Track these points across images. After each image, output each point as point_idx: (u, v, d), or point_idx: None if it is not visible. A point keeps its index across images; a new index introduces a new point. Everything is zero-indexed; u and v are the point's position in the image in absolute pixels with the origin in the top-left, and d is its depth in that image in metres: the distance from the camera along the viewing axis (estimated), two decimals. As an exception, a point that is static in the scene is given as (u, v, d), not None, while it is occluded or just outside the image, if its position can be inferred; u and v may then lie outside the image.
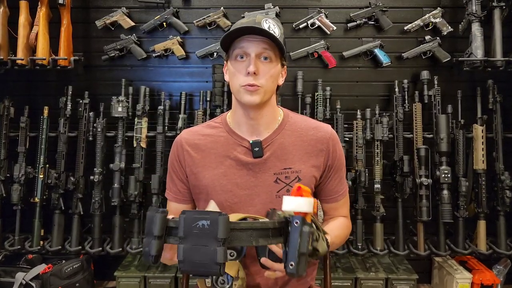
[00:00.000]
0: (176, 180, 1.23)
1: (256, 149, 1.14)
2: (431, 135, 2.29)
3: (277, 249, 0.92)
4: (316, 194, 1.25)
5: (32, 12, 2.30)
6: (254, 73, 1.06)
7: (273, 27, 1.09)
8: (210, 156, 1.17)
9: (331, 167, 1.20)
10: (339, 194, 1.23)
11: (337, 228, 1.22)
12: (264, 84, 1.08)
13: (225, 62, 1.16)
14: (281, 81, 1.16)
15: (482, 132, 2.25)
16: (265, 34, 1.06)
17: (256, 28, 1.05)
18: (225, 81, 2.32)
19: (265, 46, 1.07)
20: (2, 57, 2.23)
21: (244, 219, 0.95)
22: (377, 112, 2.30)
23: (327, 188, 1.22)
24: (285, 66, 1.17)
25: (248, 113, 1.13)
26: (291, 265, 0.79)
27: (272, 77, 1.10)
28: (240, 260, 0.96)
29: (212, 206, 1.03)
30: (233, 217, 0.93)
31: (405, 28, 2.39)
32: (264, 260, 0.93)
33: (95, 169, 2.27)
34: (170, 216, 0.81)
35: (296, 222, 0.81)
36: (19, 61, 2.25)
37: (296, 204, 0.80)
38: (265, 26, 1.07)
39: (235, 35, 1.08)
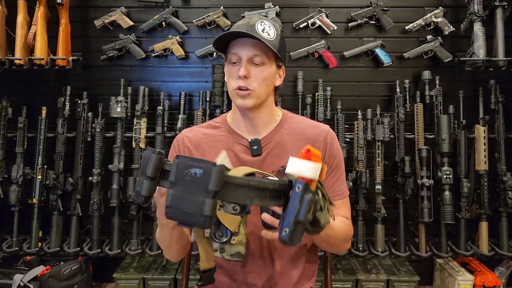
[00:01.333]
0: None
1: (255, 147, 1.15)
2: (432, 136, 2.28)
3: (279, 209, 0.86)
4: None
5: (30, 12, 2.29)
6: (245, 76, 1.07)
7: (268, 29, 1.08)
8: (210, 154, 1.17)
9: (328, 164, 1.19)
10: (336, 194, 1.20)
11: (336, 221, 1.16)
12: (257, 87, 1.09)
13: (224, 62, 1.18)
14: (278, 82, 1.17)
15: (484, 132, 2.24)
16: (255, 38, 1.05)
17: (245, 33, 1.05)
18: (224, 81, 2.32)
19: (256, 52, 1.08)
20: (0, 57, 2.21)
21: (252, 174, 0.89)
22: (378, 112, 2.29)
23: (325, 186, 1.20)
24: (283, 67, 1.17)
25: (246, 114, 1.15)
26: (285, 231, 0.75)
27: (265, 80, 1.10)
28: (243, 216, 0.92)
29: (222, 157, 0.99)
30: (239, 171, 0.88)
31: (407, 27, 2.37)
32: (264, 215, 0.85)
33: (93, 170, 2.26)
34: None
35: (298, 188, 0.75)
36: (17, 61, 2.23)
37: (300, 167, 0.75)
38: (259, 28, 1.07)
39: (227, 39, 1.10)
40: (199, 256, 1.04)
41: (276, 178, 0.85)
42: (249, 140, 1.16)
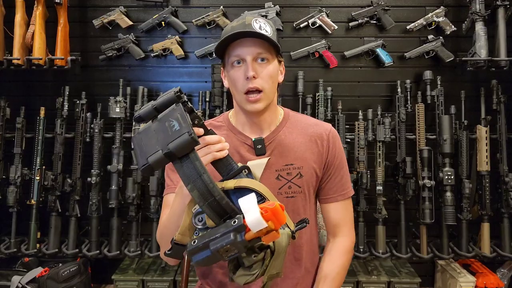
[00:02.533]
0: (176, 174, 1.20)
1: (259, 146, 1.14)
2: (434, 136, 2.26)
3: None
4: (316, 196, 1.24)
5: (29, 11, 2.28)
6: (254, 77, 1.06)
7: (264, 26, 1.08)
8: None
9: (331, 163, 1.19)
10: (339, 194, 1.21)
11: (333, 277, 1.18)
12: (266, 86, 1.08)
13: (221, 68, 1.17)
14: (280, 79, 1.17)
15: (486, 133, 2.23)
16: (258, 36, 1.05)
17: (247, 32, 1.04)
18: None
19: (260, 50, 1.07)
20: (-3, 57, 2.21)
21: (249, 190, 0.84)
22: (379, 112, 2.28)
23: (327, 187, 1.21)
24: (282, 62, 1.18)
25: (253, 115, 1.14)
26: (193, 242, 0.76)
27: (271, 77, 1.10)
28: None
29: (257, 163, 1.01)
30: (245, 183, 0.86)
31: (408, 27, 2.36)
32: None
33: (92, 170, 2.25)
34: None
35: (234, 222, 0.72)
36: (15, 61, 2.22)
37: (250, 210, 0.71)
38: (255, 26, 1.06)
39: (227, 42, 1.08)
40: None
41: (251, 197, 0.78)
42: (253, 139, 1.15)
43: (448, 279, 2.30)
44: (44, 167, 2.27)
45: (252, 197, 0.73)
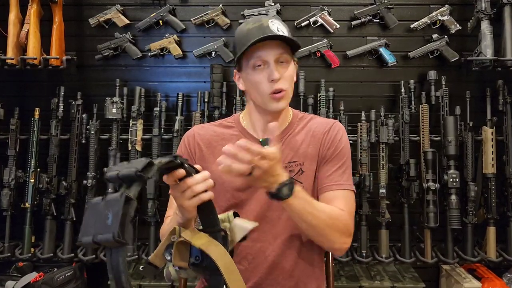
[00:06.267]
0: None
1: (266, 147, 1.12)
2: (438, 138, 2.23)
3: None
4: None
5: (23, 10, 2.24)
6: (279, 79, 1.09)
7: (281, 26, 1.11)
8: (220, 153, 1.14)
9: (330, 154, 1.17)
10: (333, 183, 1.14)
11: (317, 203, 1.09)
12: (288, 87, 1.12)
13: (235, 71, 1.19)
14: (295, 78, 1.19)
15: (492, 134, 2.19)
16: (282, 39, 1.09)
17: (272, 36, 1.07)
18: (223, 81, 2.28)
19: (281, 51, 1.10)
20: (-9, 57, 2.18)
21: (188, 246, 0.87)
22: (382, 113, 2.23)
23: (322, 175, 1.16)
24: (295, 61, 1.19)
25: (268, 117, 1.16)
26: None
27: (292, 78, 1.15)
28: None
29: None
30: (197, 237, 0.87)
31: (412, 26, 2.32)
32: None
33: (88, 173, 2.21)
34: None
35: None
36: (9, 61, 2.19)
37: None
38: (273, 28, 1.08)
39: (250, 46, 1.07)
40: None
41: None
42: (260, 140, 1.15)
43: (453, 285, 2.26)
44: (38, 169, 2.23)
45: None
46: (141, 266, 0.91)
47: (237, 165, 0.89)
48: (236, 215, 0.98)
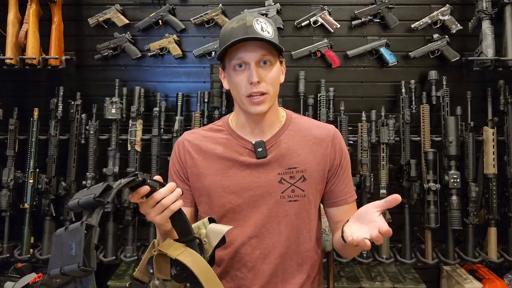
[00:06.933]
0: (177, 180, 1.21)
1: (259, 149, 1.14)
2: (439, 138, 2.22)
3: None
4: (323, 200, 1.22)
5: (22, 9, 2.23)
6: (258, 81, 1.05)
7: (266, 26, 1.06)
8: (212, 158, 1.16)
9: (339, 165, 1.18)
10: (349, 195, 1.20)
11: None
12: (270, 89, 1.08)
13: (220, 69, 1.16)
14: (282, 79, 1.16)
15: (493, 134, 2.18)
16: (261, 40, 1.04)
17: (251, 38, 1.03)
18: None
19: (263, 52, 1.06)
20: (-10, 57, 2.17)
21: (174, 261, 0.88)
22: (383, 114, 2.22)
23: (337, 189, 1.19)
24: (284, 62, 1.16)
25: (255, 118, 1.14)
26: None
27: (275, 80, 1.10)
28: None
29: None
30: (173, 248, 0.89)
31: (412, 26, 2.31)
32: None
33: (87, 173, 2.19)
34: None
35: None
36: (8, 61, 2.18)
37: None
38: (257, 27, 1.04)
39: (230, 47, 1.05)
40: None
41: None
42: (253, 143, 1.14)
43: (454, 285, 2.25)
44: (37, 170, 2.22)
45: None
46: (128, 283, 0.92)
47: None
48: (212, 220, 0.98)
